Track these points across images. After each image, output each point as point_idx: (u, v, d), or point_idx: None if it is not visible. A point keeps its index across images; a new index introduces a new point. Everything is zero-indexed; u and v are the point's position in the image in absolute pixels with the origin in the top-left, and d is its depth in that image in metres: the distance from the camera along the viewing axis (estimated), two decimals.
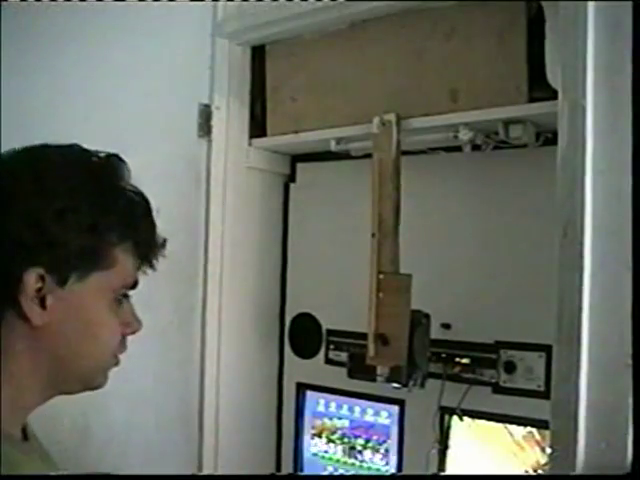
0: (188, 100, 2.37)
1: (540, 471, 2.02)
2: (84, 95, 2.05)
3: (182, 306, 2.38)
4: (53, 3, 1.98)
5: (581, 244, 1.31)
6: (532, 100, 1.90)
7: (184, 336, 2.39)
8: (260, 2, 2.33)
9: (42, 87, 1.96)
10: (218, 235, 2.42)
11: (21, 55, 1.92)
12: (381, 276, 2.11)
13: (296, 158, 2.68)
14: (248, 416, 2.59)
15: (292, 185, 2.69)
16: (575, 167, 1.34)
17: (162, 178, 2.27)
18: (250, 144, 2.54)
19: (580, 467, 1.30)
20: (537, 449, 2.06)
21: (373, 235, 2.12)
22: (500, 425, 2.15)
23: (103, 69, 2.09)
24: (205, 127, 2.39)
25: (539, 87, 1.86)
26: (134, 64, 2.18)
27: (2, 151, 1.16)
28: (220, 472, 2.46)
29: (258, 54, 2.51)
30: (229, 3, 2.42)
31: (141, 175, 2.19)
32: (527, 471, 2.07)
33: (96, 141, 2.06)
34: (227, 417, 2.48)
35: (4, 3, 1.84)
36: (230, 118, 2.46)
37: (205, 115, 2.39)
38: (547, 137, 2.01)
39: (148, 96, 2.22)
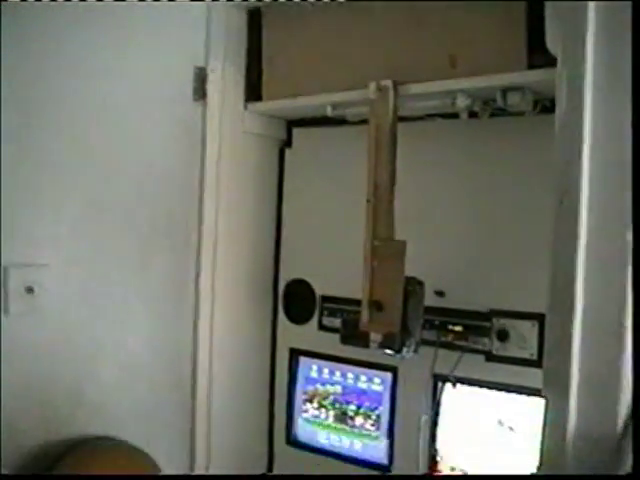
0: (184, 63, 2.34)
1: None
2: (80, 61, 2.03)
3: (176, 271, 2.38)
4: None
5: (577, 213, 1.30)
6: (531, 67, 1.89)
7: (177, 301, 2.39)
8: None
9: (36, 55, 1.94)
10: (213, 200, 2.42)
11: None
12: (376, 242, 2.11)
13: (292, 123, 2.67)
14: (241, 381, 2.61)
15: (288, 150, 2.68)
16: (573, 135, 1.33)
17: (157, 142, 2.28)
18: (246, 108, 2.52)
19: (571, 435, 1.31)
20: None
21: (368, 201, 2.12)
22: (492, 392, 2.17)
23: (100, 34, 2.07)
24: (200, 90, 2.37)
25: (538, 54, 1.84)
26: (130, 27, 2.15)
27: None
28: (212, 438, 2.49)
29: (255, 18, 2.48)
30: None
31: (136, 139, 2.21)
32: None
33: (93, 106, 2.08)
34: (220, 382, 2.50)
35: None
36: (226, 81, 2.43)
37: (200, 78, 2.37)
38: (545, 105, 2.00)
39: (144, 59, 2.20)
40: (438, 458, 2.28)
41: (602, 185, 1.31)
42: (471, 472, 2.21)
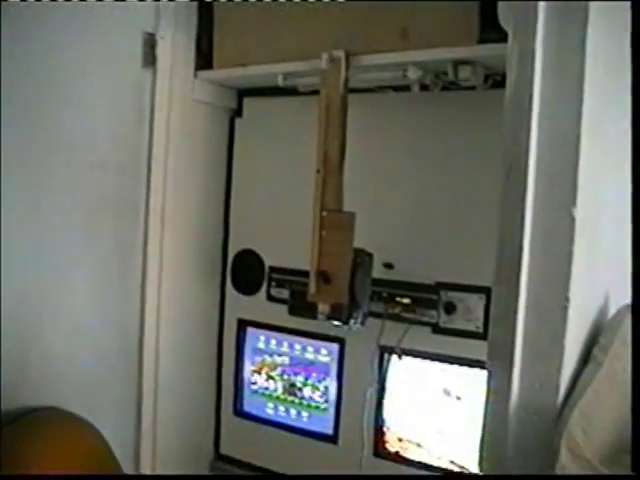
0: (133, 29, 2.31)
1: None
2: (26, 25, 1.98)
3: (123, 239, 2.35)
4: None
5: (524, 188, 1.32)
6: (483, 42, 1.90)
7: (124, 271, 2.37)
8: None
9: None
10: (161, 169, 2.39)
11: None
12: (324, 213, 2.12)
13: (243, 92, 2.64)
14: (188, 352, 2.60)
15: (238, 120, 2.66)
16: (521, 111, 1.34)
17: (104, 108, 2.24)
18: (196, 76, 2.49)
19: (514, 406, 1.34)
20: None
21: (318, 171, 2.12)
22: (438, 364, 2.20)
23: None
24: (150, 57, 2.34)
25: (490, 29, 1.85)
26: None
27: None
28: (159, 408, 2.47)
29: None
30: None
31: (82, 105, 2.17)
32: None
33: (38, 70, 2.03)
34: (167, 353, 2.49)
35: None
36: (175, 48, 2.40)
37: (150, 44, 2.33)
38: (496, 80, 2.02)
39: (92, 24, 2.15)
40: (385, 429, 2.31)
41: (549, 161, 1.33)
42: (418, 442, 2.25)
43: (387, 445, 2.32)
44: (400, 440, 2.29)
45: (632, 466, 1.22)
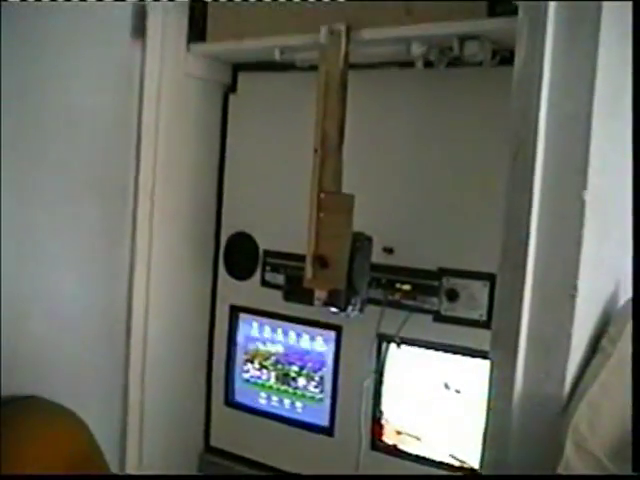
0: None
1: None
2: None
3: (111, 220, 2.34)
4: None
5: (532, 168, 1.32)
6: (491, 15, 1.88)
7: (112, 253, 2.36)
8: None
9: None
10: (151, 147, 2.38)
11: None
12: (322, 195, 2.11)
13: (238, 67, 2.63)
14: (178, 339, 2.60)
15: (232, 95, 2.64)
16: (531, 88, 1.34)
17: (91, 83, 2.22)
18: (188, 50, 2.47)
19: (518, 397, 1.34)
20: None
21: (316, 151, 2.12)
22: (439, 354, 2.20)
23: None
24: (139, 28, 2.32)
25: (499, 2, 1.84)
26: None
27: None
28: (146, 398, 2.47)
29: None
30: None
31: (69, 79, 2.15)
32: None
33: (26, 43, 2.02)
34: (155, 340, 2.48)
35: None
36: (167, 20, 2.38)
37: (140, 16, 2.32)
38: (504, 56, 2.00)
39: None
40: (383, 421, 2.32)
41: (559, 141, 1.33)
42: (417, 435, 2.26)
43: (385, 438, 2.32)
44: (398, 433, 2.30)
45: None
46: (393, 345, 2.25)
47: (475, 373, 2.09)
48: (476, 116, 2.12)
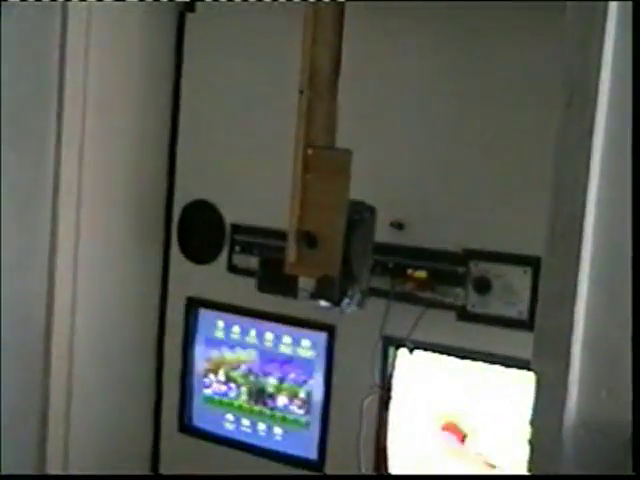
0: None
1: None
2: None
3: (24, 182, 2.33)
4: None
5: (591, 118, 1.32)
6: None
7: (26, 228, 2.36)
8: None
9: None
10: (79, 85, 2.37)
11: None
12: (310, 151, 2.11)
13: None
14: (115, 343, 2.61)
15: (190, 16, 2.63)
16: (590, 14, 1.34)
17: None
18: None
19: (570, 420, 1.35)
20: None
21: (301, 92, 2.10)
22: (465, 362, 2.22)
23: None
24: None
25: None
26: None
27: None
28: (72, 422, 2.48)
29: None
30: None
31: None
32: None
33: None
34: (85, 344, 2.49)
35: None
36: None
37: None
38: None
39: None
40: (389, 450, 2.33)
41: (624, 83, 1.33)
42: (434, 466, 2.27)
43: (392, 471, 2.33)
44: (409, 465, 2.31)
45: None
46: (403, 351, 2.27)
47: (512, 388, 2.11)
48: (513, 54, 2.12)
